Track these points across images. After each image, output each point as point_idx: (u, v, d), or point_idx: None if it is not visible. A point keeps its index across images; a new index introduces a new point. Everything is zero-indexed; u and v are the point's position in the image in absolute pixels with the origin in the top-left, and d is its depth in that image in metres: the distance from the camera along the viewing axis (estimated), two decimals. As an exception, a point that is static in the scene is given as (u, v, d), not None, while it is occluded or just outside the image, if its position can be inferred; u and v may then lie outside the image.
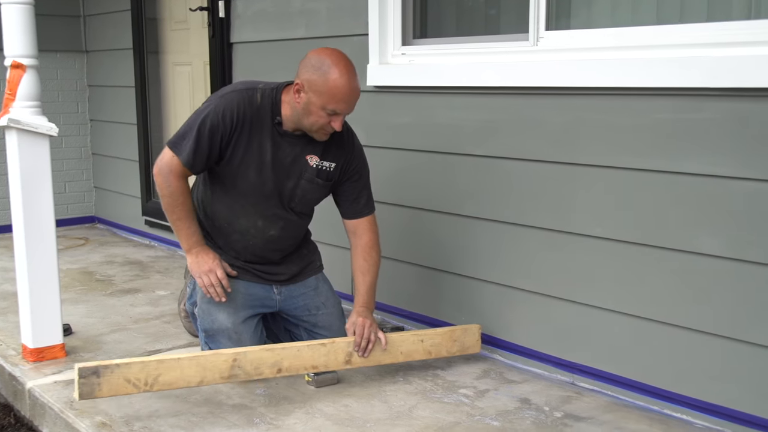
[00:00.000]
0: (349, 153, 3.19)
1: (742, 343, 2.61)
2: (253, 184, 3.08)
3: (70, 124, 6.31)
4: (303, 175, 3.11)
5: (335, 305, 3.36)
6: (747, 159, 2.54)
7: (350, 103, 2.95)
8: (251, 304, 3.19)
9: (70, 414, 2.82)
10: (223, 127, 2.97)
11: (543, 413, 2.84)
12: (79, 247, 5.67)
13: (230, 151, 3.02)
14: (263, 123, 3.03)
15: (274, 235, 3.19)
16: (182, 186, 3.04)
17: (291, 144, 3.08)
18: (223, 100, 3.01)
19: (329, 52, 2.95)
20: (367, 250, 3.22)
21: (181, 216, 3.07)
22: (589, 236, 3.00)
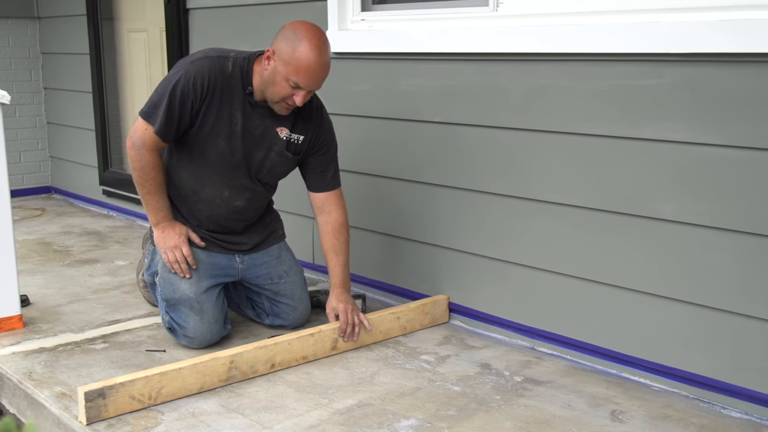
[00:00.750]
0: (318, 126, 3.18)
1: (697, 307, 2.66)
2: (222, 153, 3.05)
3: (24, 93, 6.20)
4: (273, 147, 3.10)
5: (297, 274, 3.36)
6: (705, 124, 2.57)
7: (314, 79, 2.90)
8: (213, 273, 3.18)
9: (29, 385, 2.80)
10: (193, 95, 2.94)
11: (503, 378, 2.87)
12: (35, 217, 5.60)
13: (200, 119, 2.99)
14: (234, 92, 3.00)
15: (239, 205, 3.18)
16: (154, 159, 3.03)
17: (261, 115, 3.05)
18: (194, 66, 2.96)
19: (305, 26, 2.92)
20: (338, 228, 3.22)
21: (151, 190, 3.06)
22: (548, 202, 3.02)
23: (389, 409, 2.62)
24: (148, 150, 3.00)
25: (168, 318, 3.14)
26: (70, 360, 3.02)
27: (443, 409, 2.62)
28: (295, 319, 3.30)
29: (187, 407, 2.63)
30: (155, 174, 3.05)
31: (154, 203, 3.09)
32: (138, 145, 3.00)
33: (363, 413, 2.59)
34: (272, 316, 3.32)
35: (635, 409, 2.62)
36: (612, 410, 2.61)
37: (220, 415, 2.58)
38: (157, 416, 2.57)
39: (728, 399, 2.62)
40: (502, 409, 2.62)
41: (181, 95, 2.93)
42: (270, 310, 3.31)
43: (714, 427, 2.50)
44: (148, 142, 2.99)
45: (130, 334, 3.28)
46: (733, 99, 2.49)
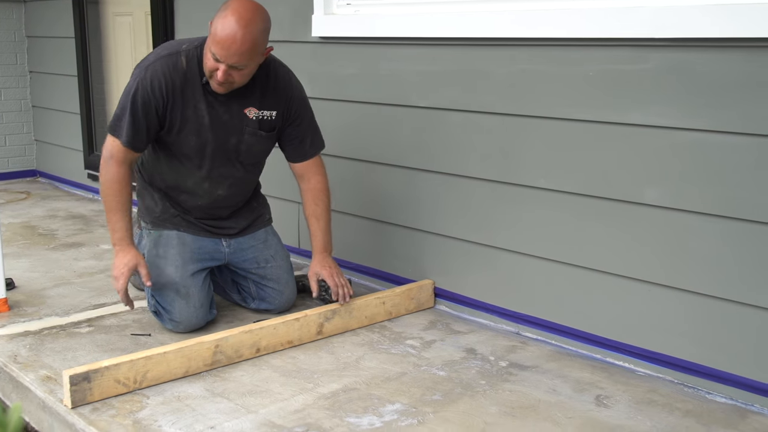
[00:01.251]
0: (288, 98, 3.14)
1: (683, 292, 2.67)
2: (195, 147, 3.04)
3: (9, 76, 6.17)
4: (245, 129, 3.08)
5: (284, 258, 3.35)
6: (691, 109, 2.57)
7: (228, 51, 2.79)
8: (199, 257, 3.17)
9: (14, 368, 2.79)
10: (155, 101, 2.92)
11: (488, 363, 2.88)
12: (20, 201, 5.57)
13: (168, 121, 2.97)
14: (194, 86, 2.97)
15: (221, 194, 3.17)
16: (119, 174, 2.95)
17: (226, 101, 3.02)
18: (149, 72, 2.93)
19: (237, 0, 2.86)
20: (317, 194, 3.23)
21: (112, 207, 2.97)
22: (534, 188, 3.03)
23: (374, 393, 2.63)
24: (116, 162, 2.95)
25: (154, 302, 3.14)
26: (55, 343, 3.01)
27: (428, 393, 2.63)
28: (281, 303, 3.30)
29: (172, 391, 2.63)
30: (118, 188, 2.96)
31: (113, 222, 2.98)
32: (106, 158, 2.96)
33: (348, 398, 2.59)
34: (258, 300, 3.32)
35: (620, 393, 2.63)
36: (597, 395, 2.62)
37: (205, 399, 2.58)
38: (142, 400, 2.57)
39: (713, 384, 2.63)
40: (487, 393, 2.63)
41: (142, 104, 2.92)
42: (256, 294, 3.31)
43: (699, 412, 2.51)
44: (116, 154, 2.95)
45: (116, 318, 3.27)
46: (720, 84, 2.50)
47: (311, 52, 3.80)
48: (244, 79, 2.92)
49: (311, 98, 3.45)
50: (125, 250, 2.97)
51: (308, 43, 3.80)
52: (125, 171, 2.97)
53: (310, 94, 3.61)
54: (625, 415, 2.48)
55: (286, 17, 3.88)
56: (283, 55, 3.92)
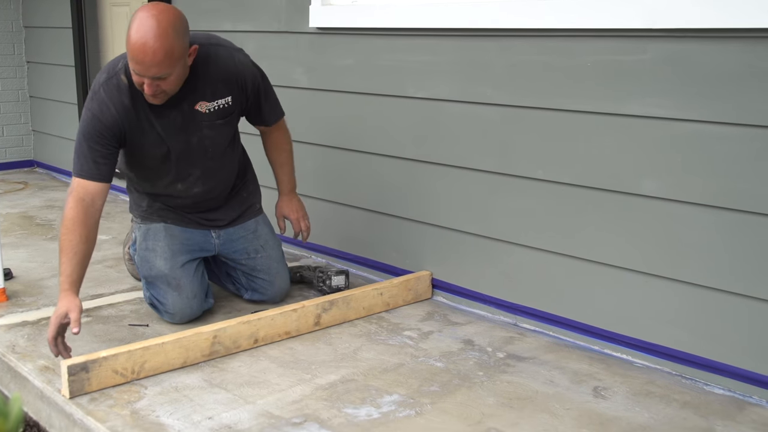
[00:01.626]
0: (239, 80, 3.01)
1: (681, 283, 2.67)
2: (158, 158, 3.00)
3: (7, 66, 6.15)
4: (202, 124, 2.98)
5: (274, 248, 3.35)
6: (689, 100, 2.57)
7: (144, 65, 2.65)
8: (189, 249, 3.17)
9: (12, 358, 2.79)
10: (107, 130, 2.82)
11: (486, 354, 2.88)
12: (18, 191, 5.56)
13: (126, 142, 2.90)
14: (140, 100, 2.85)
15: (198, 191, 3.14)
16: (73, 211, 2.74)
17: (172, 106, 2.89)
18: (95, 103, 2.83)
19: (142, 7, 2.71)
20: (281, 145, 3.34)
21: (63, 247, 2.72)
22: (531, 179, 3.02)
23: (372, 384, 2.63)
24: (73, 198, 2.76)
25: (149, 294, 3.14)
26: (53, 334, 3.01)
27: (426, 384, 2.63)
28: (273, 294, 3.30)
29: (170, 382, 2.63)
30: (70, 227, 2.72)
31: (61, 264, 2.72)
32: (68, 197, 2.79)
33: (346, 389, 2.60)
34: (250, 290, 3.32)
35: (618, 385, 2.64)
36: (594, 386, 2.62)
37: (203, 390, 2.58)
38: (140, 390, 2.57)
39: (711, 375, 2.64)
40: (484, 385, 2.63)
41: (96, 136, 2.81)
42: (248, 285, 3.31)
43: (696, 403, 2.52)
44: (74, 188, 2.79)
45: (113, 309, 3.27)
46: (716, 75, 2.49)
47: (308, 42, 3.80)
48: (174, 86, 2.78)
49: (309, 89, 3.46)
50: (61, 296, 2.67)
51: (305, 33, 3.79)
52: (82, 209, 2.74)
53: (307, 85, 3.62)
54: (622, 407, 2.48)
55: (283, 8, 3.88)
56: (280, 45, 3.93)
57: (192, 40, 2.85)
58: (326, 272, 3.43)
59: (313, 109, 3.83)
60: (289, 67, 3.89)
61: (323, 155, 3.81)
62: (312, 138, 3.85)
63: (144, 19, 2.65)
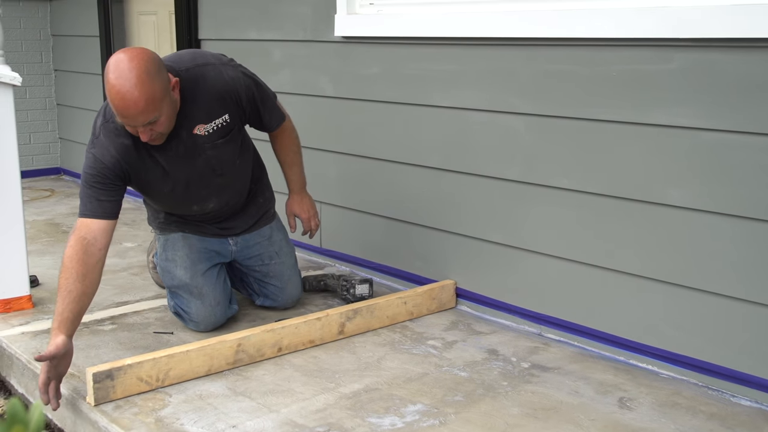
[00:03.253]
0: (232, 96, 2.93)
1: (708, 294, 2.64)
2: (167, 191, 3.00)
3: (34, 75, 6.21)
4: (204, 148, 2.94)
5: (288, 254, 3.36)
6: (714, 110, 2.55)
7: (129, 117, 2.61)
8: (207, 256, 3.18)
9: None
10: (110, 171, 2.79)
11: (510, 364, 2.87)
12: (45, 198, 5.61)
13: (132, 181, 2.89)
14: (136, 144, 2.81)
15: (214, 207, 3.13)
16: (72, 249, 2.66)
17: (171, 137, 2.85)
18: (96, 148, 2.81)
19: (110, 59, 2.63)
20: (288, 146, 3.31)
21: (59, 286, 2.63)
22: (556, 188, 3.01)
23: (396, 394, 2.62)
24: (75, 236, 2.70)
25: (173, 303, 3.16)
26: (79, 341, 3.02)
27: (450, 394, 2.62)
28: (284, 300, 3.31)
29: (194, 389, 2.64)
30: (68, 265, 2.64)
31: (57, 304, 2.63)
32: (69, 236, 2.74)
33: (369, 398, 2.59)
34: (262, 296, 3.33)
35: (643, 396, 2.62)
36: (620, 397, 2.60)
37: (227, 398, 2.58)
38: (164, 398, 2.58)
39: (738, 387, 2.61)
40: (509, 395, 2.62)
41: (101, 180, 2.80)
42: (259, 291, 3.32)
43: (723, 415, 2.49)
44: (77, 227, 2.75)
45: (138, 316, 3.29)
46: (743, 84, 2.48)
47: (334, 51, 3.80)
48: (167, 126, 2.74)
49: (334, 98, 3.46)
50: (54, 340, 2.56)
51: (331, 42, 3.80)
52: (81, 247, 2.67)
53: (332, 94, 3.62)
54: (648, 418, 2.46)
55: (309, 17, 3.89)
56: (305, 54, 3.94)
57: (176, 66, 2.82)
58: (350, 281, 3.43)
59: (338, 118, 3.83)
60: (314, 76, 3.90)
61: (348, 163, 3.81)
62: (337, 146, 3.86)
63: (117, 72, 2.57)
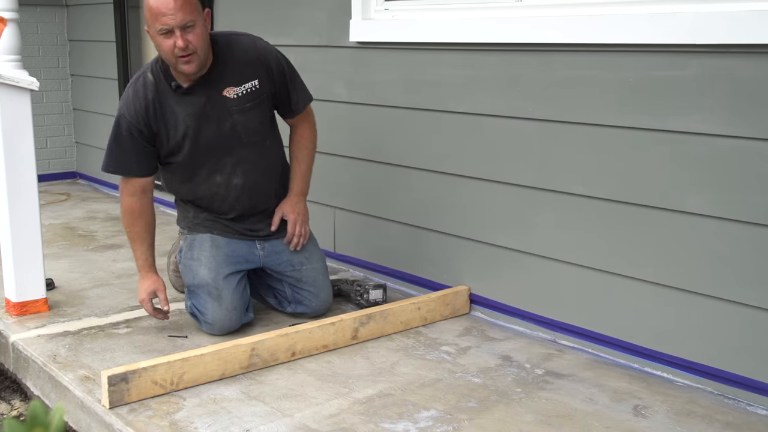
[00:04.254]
0: (264, 62, 3.15)
1: (725, 302, 2.63)
2: (192, 150, 3.09)
3: (51, 79, 6.24)
4: (231, 110, 3.09)
5: (319, 260, 3.36)
6: (732, 116, 2.54)
7: (169, 12, 2.88)
8: (233, 260, 3.19)
9: (54, 367, 2.82)
10: (137, 122, 3.03)
11: (524, 370, 2.86)
12: (61, 202, 5.64)
13: (156, 139, 3.06)
14: (167, 94, 3.05)
15: (239, 183, 3.18)
16: (130, 205, 3.12)
17: (199, 94, 3.06)
18: (124, 102, 3.07)
19: None
20: (303, 141, 3.33)
21: (133, 237, 3.16)
22: (571, 194, 3.01)
23: (409, 399, 2.62)
24: (126, 194, 3.11)
25: (190, 303, 3.17)
26: (94, 344, 3.04)
27: (464, 400, 2.62)
28: (317, 306, 3.31)
29: (208, 393, 2.65)
30: (131, 220, 3.13)
31: (134, 250, 3.19)
32: (120, 193, 3.14)
33: (383, 403, 2.59)
34: (294, 303, 3.32)
35: (658, 404, 2.60)
36: (635, 405, 2.60)
37: (241, 402, 2.59)
38: (178, 401, 2.59)
39: (754, 396, 2.60)
40: (523, 401, 2.62)
41: (128, 131, 3.04)
42: (292, 298, 3.32)
43: (739, 424, 2.48)
44: (123, 187, 3.12)
45: (153, 320, 3.30)
46: (759, 91, 2.46)
47: (349, 57, 3.81)
48: (202, 42, 2.93)
49: (349, 103, 3.47)
50: (146, 277, 3.15)
51: (346, 48, 3.81)
52: (136, 201, 3.11)
53: (347, 99, 3.63)
54: (663, 426, 2.45)
55: (324, 22, 3.90)
56: (320, 60, 3.95)
57: (213, 36, 3.07)
58: (364, 286, 3.43)
59: (353, 123, 3.84)
60: (329, 81, 3.91)
61: (362, 169, 3.82)
62: (351, 151, 3.86)
63: None
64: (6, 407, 2.96)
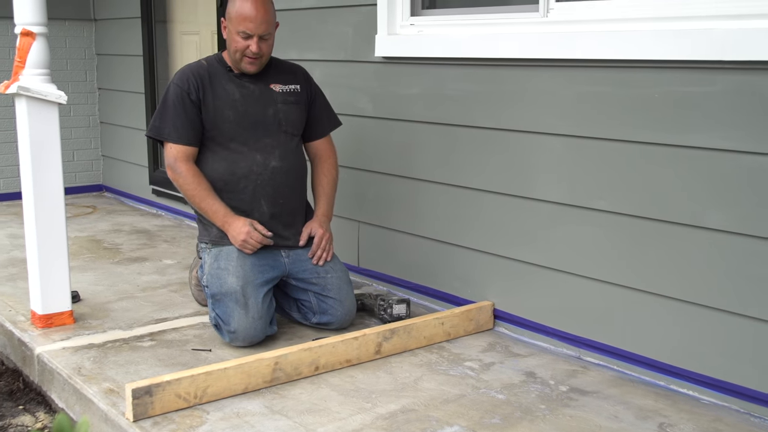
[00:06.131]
0: (303, 75, 3.50)
1: (750, 319, 2.61)
2: (234, 122, 3.28)
3: (79, 93, 6.30)
4: (276, 99, 3.37)
5: (342, 270, 3.39)
6: (756, 133, 2.52)
7: (256, 23, 3.20)
8: (260, 269, 3.21)
9: (78, 380, 2.84)
10: (186, 89, 3.26)
11: (548, 387, 2.85)
12: (87, 215, 5.68)
13: (202, 103, 3.27)
14: (219, 74, 3.33)
15: (276, 166, 3.31)
16: (191, 169, 3.26)
17: (251, 81, 3.35)
18: (176, 75, 3.33)
19: None
20: (328, 168, 3.52)
21: (203, 196, 3.25)
22: (595, 210, 2.99)
23: (433, 415, 2.61)
24: (182, 162, 3.25)
25: (214, 314, 3.18)
26: (119, 357, 3.06)
27: (487, 417, 2.61)
28: (342, 315, 3.31)
29: (231, 407, 2.65)
30: (199, 180, 3.25)
31: (210, 207, 3.25)
32: (173, 164, 3.26)
33: (406, 419, 2.58)
34: (319, 313, 3.33)
35: (684, 422, 2.58)
36: (660, 423, 2.57)
37: (264, 416, 2.59)
38: (202, 415, 2.59)
39: (779, 414, 2.57)
40: (547, 418, 2.60)
41: (177, 99, 3.26)
42: (317, 308, 3.32)
43: (763, 442, 2.46)
44: (180, 156, 3.25)
45: (177, 333, 3.31)
46: (789, 109, 2.45)
47: (374, 71, 3.82)
48: (269, 50, 3.30)
49: (374, 117, 3.48)
50: (234, 219, 3.24)
51: (371, 63, 3.82)
52: (192, 166, 3.27)
53: (372, 114, 3.64)
54: (688, 444, 2.43)
55: (349, 37, 3.91)
56: (345, 74, 3.97)
57: None
58: (387, 300, 3.43)
59: (378, 138, 3.85)
60: (354, 96, 3.92)
61: (387, 183, 3.82)
62: (375, 166, 3.87)
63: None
64: (30, 419, 2.98)
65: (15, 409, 3.05)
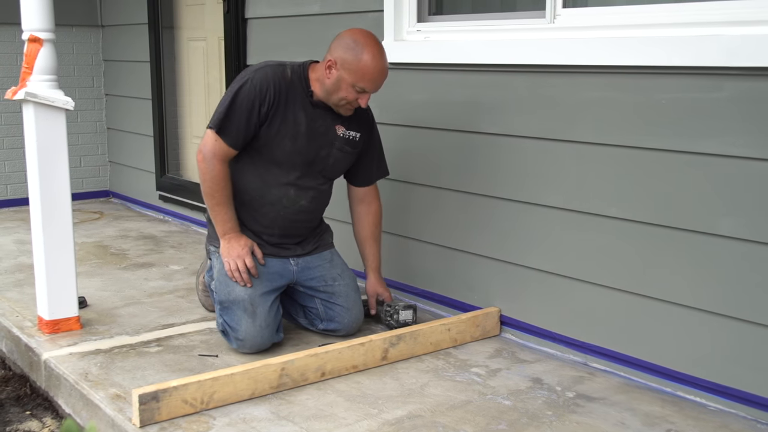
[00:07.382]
0: (370, 124, 3.40)
1: (758, 326, 2.60)
2: (288, 153, 3.19)
3: (86, 99, 6.32)
4: (334, 143, 3.27)
5: (350, 277, 3.40)
6: (766, 139, 2.52)
7: (378, 83, 3.13)
8: (268, 277, 3.21)
9: (85, 386, 2.84)
10: (261, 98, 3.10)
11: (555, 393, 2.84)
12: (94, 221, 5.69)
13: (268, 122, 3.14)
14: (296, 95, 3.18)
15: (304, 205, 3.28)
16: (224, 170, 3.16)
17: (323, 115, 3.22)
18: (258, 74, 3.14)
19: (363, 33, 3.13)
20: (377, 218, 3.50)
21: (220, 201, 3.17)
22: (603, 216, 2.99)
23: (439, 421, 2.61)
24: (219, 161, 3.14)
25: (221, 321, 3.18)
26: (125, 362, 3.06)
27: (494, 423, 2.60)
28: (349, 322, 3.31)
29: (238, 413, 2.65)
30: (224, 184, 3.16)
31: (222, 214, 3.19)
32: (209, 157, 3.13)
33: (413, 425, 2.58)
34: (326, 320, 3.33)
35: (690, 428, 2.58)
36: (667, 429, 2.57)
37: (271, 422, 2.59)
38: (208, 421, 2.59)
39: (786, 421, 2.57)
40: (553, 425, 2.60)
41: (248, 102, 3.10)
42: (324, 315, 3.32)
43: (771, 449, 2.45)
44: (218, 152, 3.13)
45: (184, 338, 3.31)
46: (796, 115, 2.45)
47: (381, 77, 3.82)
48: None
49: (380, 123, 3.48)
50: (238, 236, 3.20)
51: (378, 68, 3.82)
52: (227, 168, 3.17)
53: (379, 120, 3.64)
54: (695, 451, 2.42)
55: (357, 43, 3.91)
56: (353, 80, 3.95)
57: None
58: (394, 306, 3.43)
59: (385, 143, 3.83)
60: (360, 102, 3.92)
61: (393, 189, 3.82)
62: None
63: (376, 47, 3.11)
64: (37, 425, 2.98)
65: (22, 415, 3.05)
